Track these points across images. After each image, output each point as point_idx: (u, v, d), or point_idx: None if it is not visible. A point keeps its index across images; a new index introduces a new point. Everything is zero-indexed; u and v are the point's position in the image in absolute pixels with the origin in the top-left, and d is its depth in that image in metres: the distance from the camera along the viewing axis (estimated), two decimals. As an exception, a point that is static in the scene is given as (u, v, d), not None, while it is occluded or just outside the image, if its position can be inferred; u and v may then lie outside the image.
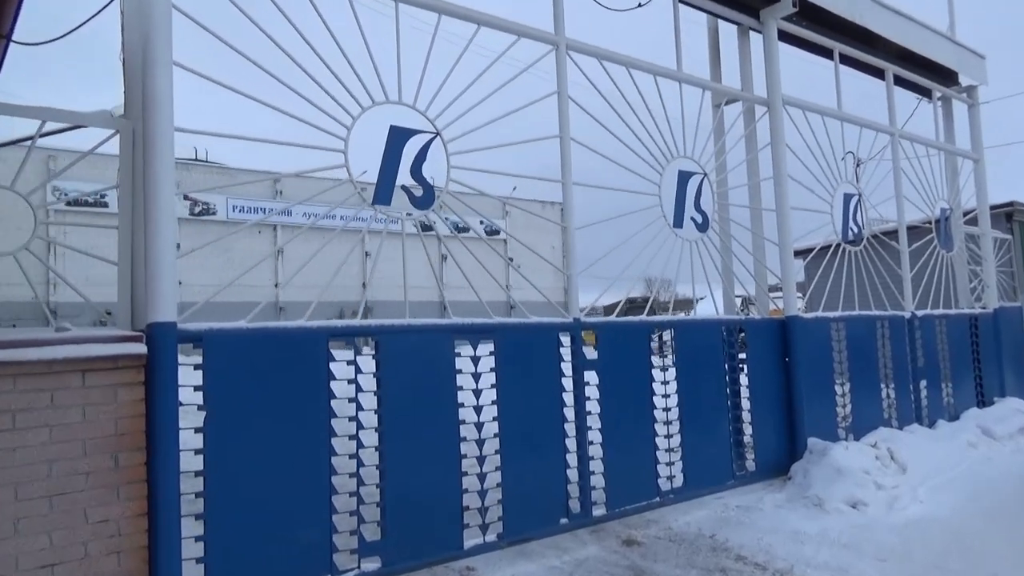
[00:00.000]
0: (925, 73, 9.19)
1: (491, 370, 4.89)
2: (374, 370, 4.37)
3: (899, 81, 9.03)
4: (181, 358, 3.67)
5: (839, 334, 7.39)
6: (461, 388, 4.71)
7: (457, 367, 4.71)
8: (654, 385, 5.83)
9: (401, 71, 4.68)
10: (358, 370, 4.30)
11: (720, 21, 7.48)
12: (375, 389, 4.35)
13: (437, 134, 4.82)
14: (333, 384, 4.16)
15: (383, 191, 4.54)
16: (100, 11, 3.99)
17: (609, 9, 6.51)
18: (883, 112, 8.60)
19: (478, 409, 4.78)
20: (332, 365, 4.17)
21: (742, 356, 6.68)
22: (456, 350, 4.72)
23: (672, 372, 6.01)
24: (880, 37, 8.13)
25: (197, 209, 42.12)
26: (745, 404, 6.56)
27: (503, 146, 5.26)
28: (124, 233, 3.71)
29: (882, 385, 7.84)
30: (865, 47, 8.26)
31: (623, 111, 5.93)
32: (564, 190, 5.48)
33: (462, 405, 4.70)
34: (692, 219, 6.38)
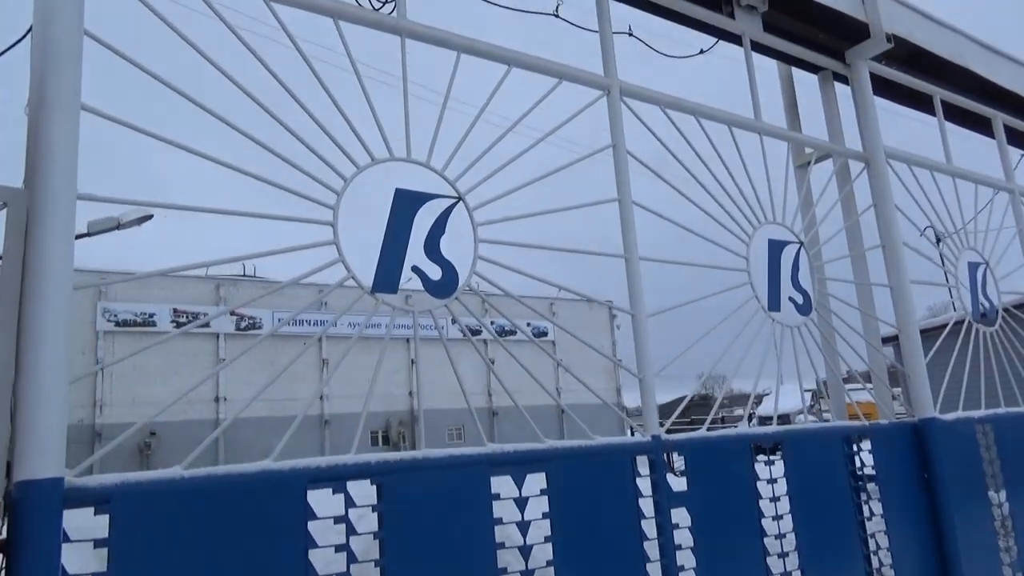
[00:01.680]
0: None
1: (544, 516, 3.51)
2: (375, 528, 3.05)
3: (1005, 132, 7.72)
4: (74, 531, 2.43)
5: (987, 439, 5.78)
6: (502, 546, 3.33)
7: (496, 515, 3.35)
8: (763, 522, 4.34)
9: (410, 123, 3.61)
10: (351, 530, 2.98)
11: (794, 69, 6.38)
12: (377, 558, 3.01)
13: (459, 199, 3.67)
14: (314, 555, 2.84)
15: (387, 274, 3.35)
16: (8, 49, 3.03)
17: (667, 56, 5.47)
18: (987, 168, 7.26)
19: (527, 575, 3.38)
20: (312, 526, 2.87)
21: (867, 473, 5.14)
22: (494, 490, 3.38)
23: (784, 501, 4.52)
24: (986, 81, 6.90)
25: (243, 324, 42.44)
26: (879, 539, 4.96)
27: (546, 213, 4.09)
28: (4, 345, 2.56)
29: (1047, 502, 6.11)
30: (967, 93, 7.02)
31: (694, 168, 4.74)
32: (628, 267, 4.23)
33: (505, 572, 3.30)
34: (791, 299, 5.03)
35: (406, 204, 3.49)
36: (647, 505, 3.88)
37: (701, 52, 5.61)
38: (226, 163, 3.10)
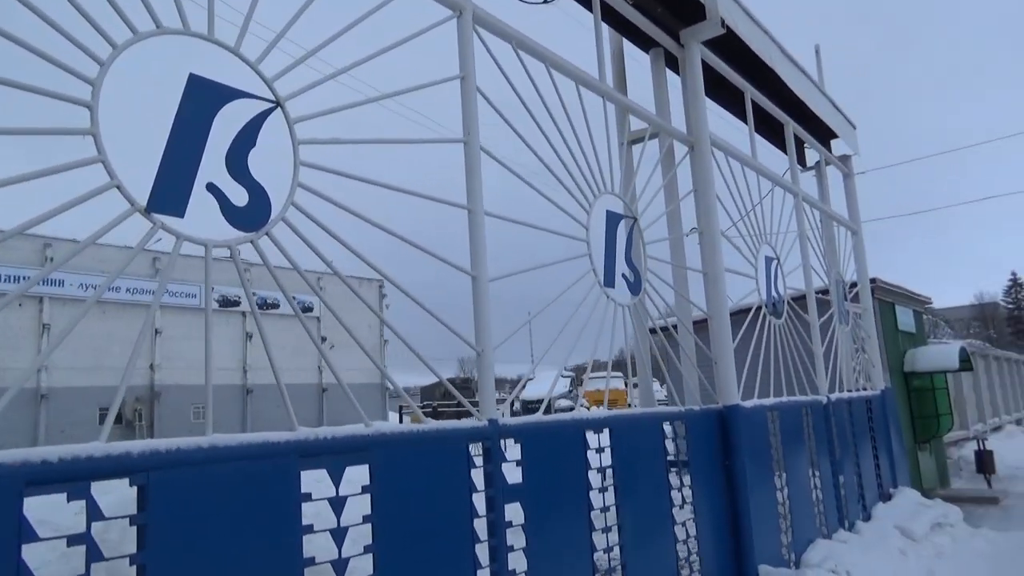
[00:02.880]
0: (813, 134, 8.54)
1: (365, 520, 2.77)
2: (132, 550, 2.10)
3: (778, 140, 8.25)
4: None
5: (774, 426, 6.01)
6: (312, 562, 2.53)
7: (305, 521, 2.55)
8: (592, 515, 3.96)
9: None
10: (95, 554, 2.01)
11: (625, 44, 6.16)
12: (132, 591, 2.08)
13: (277, 105, 2.78)
14: (28, 595, 1.85)
15: (170, 188, 2.37)
16: None
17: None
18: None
19: (342, 597, 2.62)
20: (29, 550, 1.87)
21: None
22: (305, 488, 2.57)
23: (611, 491, 4.19)
24: (785, 87, 7.26)
25: (-61, 276, 35.15)
26: (688, 527, 4.86)
27: (382, 143, 3.32)
28: None
29: (811, 485, 6.55)
30: (769, 96, 7.34)
31: (541, 120, 4.22)
32: (471, 220, 3.58)
33: (314, 594, 2.52)
34: (624, 276, 4.74)
35: (203, 98, 2.52)
36: (480, 503, 3.29)
37: (546, 1, 5.13)
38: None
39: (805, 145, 8.95)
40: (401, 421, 22.96)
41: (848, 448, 7.61)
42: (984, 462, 11.91)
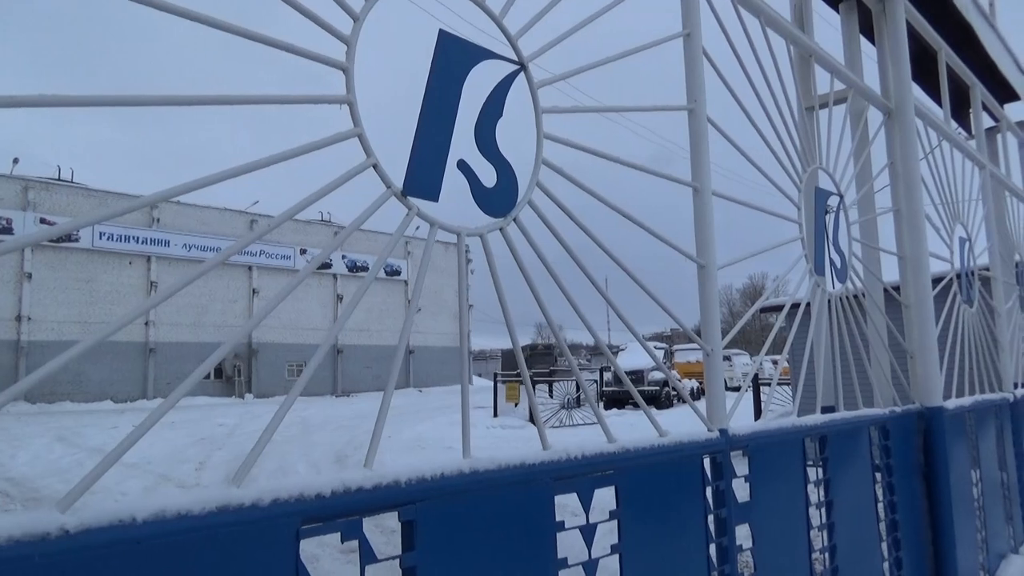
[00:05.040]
0: (998, 96, 7.61)
1: (612, 551, 2.41)
2: (405, 597, 1.80)
3: (960, 107, 7.37)
4: None
5: (971, 428, 5.37)
6: (568, 599, 2.19)
7: (560, 554, 2.20)
8: (811, 533, 3.51)
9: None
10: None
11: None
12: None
13: (522, 67, 2.38)
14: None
15: (427, 167, 2.02)
16: None
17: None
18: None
19: (597, 642, 2.27)
20: (309, 606, 1.57)
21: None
22: (558, 516, 2.22)
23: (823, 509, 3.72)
24: (978, 43, 6.40)
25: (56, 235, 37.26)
26: (891, 546, 4.34)
27: (616, 111, 2.89)
28: None
29: (1002, 494, 5.89)
30: (958, 54, 6.51)
31: (759, 86, 3.70)
32: (696, 200, 3.12)
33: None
34: (832, 262, 4.20)
35: (454, 60, 2.14)
36: (712, 523, 2.89)
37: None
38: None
39: (969, 109, 8.02)
40: (496, 387, 22.92)
41: (1028, 450, 6.85)
42: None
